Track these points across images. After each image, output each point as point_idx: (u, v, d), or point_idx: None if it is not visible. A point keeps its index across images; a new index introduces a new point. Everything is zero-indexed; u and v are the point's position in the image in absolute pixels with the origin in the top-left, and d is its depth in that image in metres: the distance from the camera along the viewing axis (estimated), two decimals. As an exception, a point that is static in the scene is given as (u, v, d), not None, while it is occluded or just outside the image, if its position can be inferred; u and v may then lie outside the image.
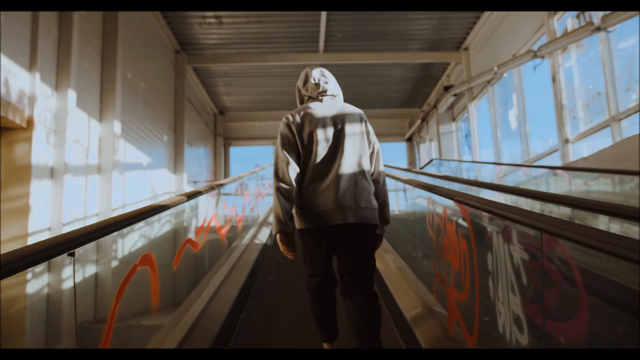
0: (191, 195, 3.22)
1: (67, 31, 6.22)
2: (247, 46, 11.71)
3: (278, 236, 2.54)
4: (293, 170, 2.51)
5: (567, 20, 7.80)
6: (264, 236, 7.05)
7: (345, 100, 2.82)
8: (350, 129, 2.61)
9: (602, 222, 3.91)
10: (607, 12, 6.42)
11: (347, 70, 13.15)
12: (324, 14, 10.01)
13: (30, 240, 5.21)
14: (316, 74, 2.78)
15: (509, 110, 10.39)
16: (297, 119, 2.60)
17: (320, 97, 2.73)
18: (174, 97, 11.44)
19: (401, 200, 10.39)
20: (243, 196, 7.32)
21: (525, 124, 9.47)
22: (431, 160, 13.39)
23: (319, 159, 2.54)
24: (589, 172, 6.27)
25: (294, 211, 2.60)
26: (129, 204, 8.19)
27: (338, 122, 2.61)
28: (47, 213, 5.75)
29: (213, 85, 14.45)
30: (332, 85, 2.79)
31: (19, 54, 5.35)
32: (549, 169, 7.37)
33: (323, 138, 2.56)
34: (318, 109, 2.64)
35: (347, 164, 2.54)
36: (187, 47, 11.74)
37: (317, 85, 2.74)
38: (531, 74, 9.32)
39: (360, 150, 2.61)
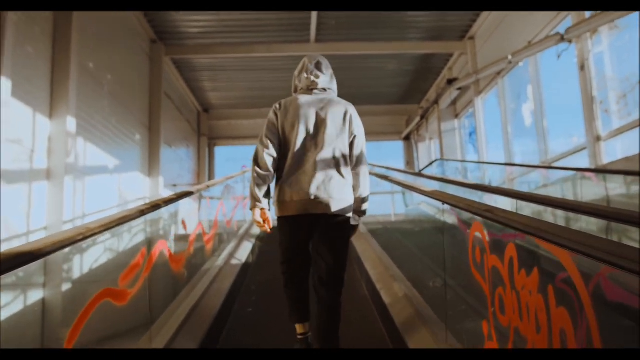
0: (109, 224, 2.05)
1: (-1, 5, 5.05)
2: (231, 35, 10.54)
3: (253, 211, 2.65)
4: (269, 156, 2.61)
5: (596, -2, 6.75)
6: (244, 253, 5.90)
7: (338, 96, 2.88)
8: (331, 123, 2.66)
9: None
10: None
11: (340, 63, 11.90)
12: (315, -3, 8.89)
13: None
14: (310, 67, 2.82)
15: (522, 105, 9.30)
16: (283, 108, 2.71)
17: (310, 90, 2.79)
18: (149, 92, 10.20)
19: (402, 206, 9.24)
20: (218, 203, 6.17)
21: (543, 120, 8.39)
22: (433, 161, 12.29)
23: (297, 150, 2.62)
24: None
25: (272, 199, 2.72)
26: (90, 214, 7.02)
27: (321, 116, 2.67)
28: (-31, 231, 4.61)
29: (196, 80, 13.25)
30: (324, 78, 2.82)
31: None
32: (578, 172, 6.31)
33: (304, 130, 2.64)
34: (304, 101, 2.71)
35: (325, 157, 2.61)
36: (164, 37, 10.55)
37: (308, 78, 2.79)
38: (550, 63, 8.25)
39: (340, 145, 2.66)
